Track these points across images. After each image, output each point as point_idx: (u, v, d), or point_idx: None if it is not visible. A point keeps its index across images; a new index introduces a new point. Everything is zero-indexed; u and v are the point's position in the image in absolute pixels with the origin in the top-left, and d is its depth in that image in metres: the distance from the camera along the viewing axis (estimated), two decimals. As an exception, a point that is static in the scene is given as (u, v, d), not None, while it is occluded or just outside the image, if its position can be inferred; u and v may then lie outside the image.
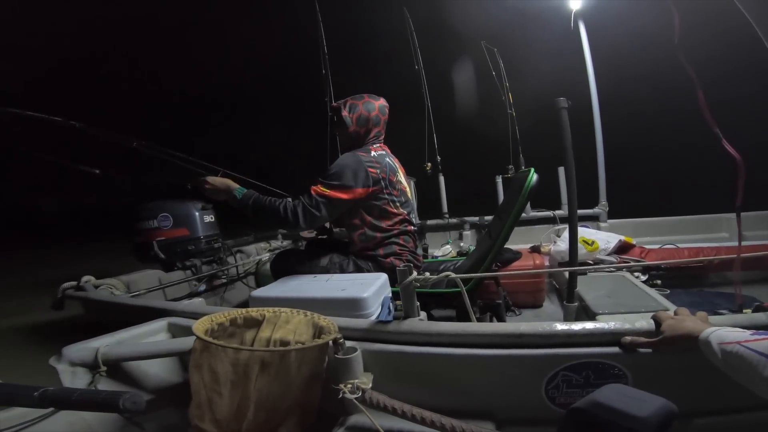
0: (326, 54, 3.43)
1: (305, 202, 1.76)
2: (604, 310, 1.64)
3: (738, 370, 0.72)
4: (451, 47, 6.45)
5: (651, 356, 0.94)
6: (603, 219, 3.49)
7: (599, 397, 0.66)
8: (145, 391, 1.28)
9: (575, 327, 1.02)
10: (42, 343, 2.71)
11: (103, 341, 1.29)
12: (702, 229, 3.29)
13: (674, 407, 0.63)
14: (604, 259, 2.64)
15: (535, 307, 2.54)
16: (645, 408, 0.61)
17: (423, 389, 1.12)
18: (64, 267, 3.71)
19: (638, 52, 6.10)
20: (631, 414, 0.61)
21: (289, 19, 7.56)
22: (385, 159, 1.94)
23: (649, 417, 0.60)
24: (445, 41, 6.50)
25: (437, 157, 4.03)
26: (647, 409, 0.61)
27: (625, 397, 0.65)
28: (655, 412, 0.61)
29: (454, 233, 3.88)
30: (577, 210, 1.79)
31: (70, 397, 0.83)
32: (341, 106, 1.96)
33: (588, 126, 3.45)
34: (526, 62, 5.71)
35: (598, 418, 0.63)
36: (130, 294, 2.27)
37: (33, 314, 3.32)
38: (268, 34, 11.50)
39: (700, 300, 2.18)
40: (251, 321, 1.17)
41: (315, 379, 1.07)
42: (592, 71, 3.48)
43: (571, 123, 1.78)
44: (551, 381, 1.01)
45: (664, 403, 0.63)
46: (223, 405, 1.00)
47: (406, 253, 1.95)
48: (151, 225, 2.43)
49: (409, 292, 1.18)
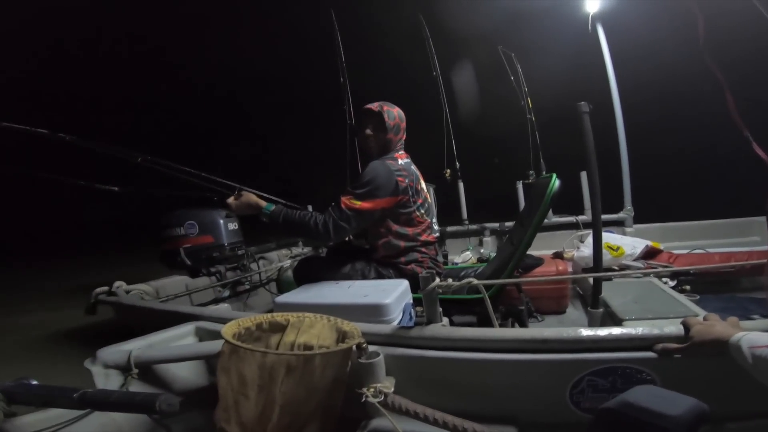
0: (344, 62, 3.47)
1: (335, 215, 1.75)
2: (631, 316, 1.60)
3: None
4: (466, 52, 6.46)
5: (680, 361, 0.92)
6: (628, 224, 3.41)
7: (630, 398, 0.66)
8: (173, 393, 1.32)
9: (601, 332, 1.01)
10: (74, 346, 2.82)
11: (135, 344, 1.34)
12: (733, 233, 3.18)
13: (705, 407, 0.62)
14: (630, 264, 2.58)
15: (558, 314, 2.49)
16: (677, 407, 0.61)
17: (445, 394, 1.12)
18: (102, 273, 3.83)
19: (663, 53, 5.98)
20: (663, 413, 0.60)
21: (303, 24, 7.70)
22: (411, 167, 1.95)
23: (682, 416, 0.60)
24: (461, 46, 6.51)
25: (456, 163, 4.02)
26: (679, 409, 0.61)
27: (655, 397, 0.65)
28: (686, 411, 0.60)
29: (474, 240, 3.86)
30: (602, 215, 1.77)
31: (108, 399, 0.87)
32: (381, 111, 1.92)
33: (611, 129, 3.39)
34: (544, 66, 5.67)
35: (630, 417, 0.63)
36: (159, 299, 2.34)
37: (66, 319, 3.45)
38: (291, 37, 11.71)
39: (732, 305, 2.10)
40: (276, 326, 1.20)
41: (338, 383, 1.09)
42: (612, 74, 3.42)
43: (593, 126, 1.76)
44: (576, 386, 1.00)
45: (696, 403, 0.62)
46: (250, 408, 1.02)
47: (428, 260, 1.95)
48: (179, 232, 2.50)
49: (432, 298, 1.19)
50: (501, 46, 4.28)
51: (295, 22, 11.10)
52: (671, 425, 0.59)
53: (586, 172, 3.21)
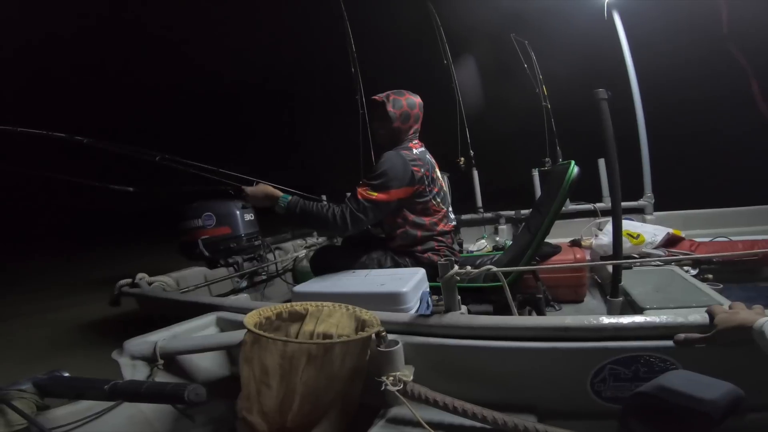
0: (355, 52, 3.45)
1: (352, 207, 1.75)
2: (653, 305, 1.58)
3: None
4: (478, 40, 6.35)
5: (705, 350, 0.90)
6: (649, 211, 3.34)
7: (665, 382, 0.65)
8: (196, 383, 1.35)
9: (624, 320, 0.99)
10: (101, 338, 2.91)
11: (161, 335, 1.37)
12: (757, 220, 3.08)
13: (741, 392, 0.62)
14: (650, 252, 2.53)
15: (576, 302, 2.47)
16: (712, 391, 0.61)
17: (464, 382, 1.12)
18: (130, 263, 3.93)
19: (682, 37, 5.79)
20: (698, 397, 0.60)
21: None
22: (426, 156, 1.94)
23: (718, 399, 0.59)
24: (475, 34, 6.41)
25: (470, 151, 3.99)
26: (715, 393, 0.60)
27: (691, 381, 0.64)
28: (723, 395, 0.60)
29: (489, 228, 3.83)
30: (621, 202, 1.74)
31: (138, 390, 0.88)
32: (385, 101, 1.91)
33: (630, 115, 3.31)
34: (559, 52, 5.55)
35: (665, 401, 0.63)
36: (180, 290, 2.39)
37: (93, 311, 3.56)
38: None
39: (756, 295, 2.05)
40: (295, 315, 1.21)
41: (358, 371, 1.09)
42: (630, 60, 3.32)
43: (611, 113, 1.72)
44: (598, 374, 0.99)
45: (731, 387, 0.62)
46: (272, 397, 1.03)
47: (444, 248, 1.95)
48: (196, 224, 2.53)
49: (451, 285, 1.19)
50: (514, 33, 4.21)
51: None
52: (708, 409, 0.58)
53: (604, 159, 3.17)
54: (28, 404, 0.92)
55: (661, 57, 6.12)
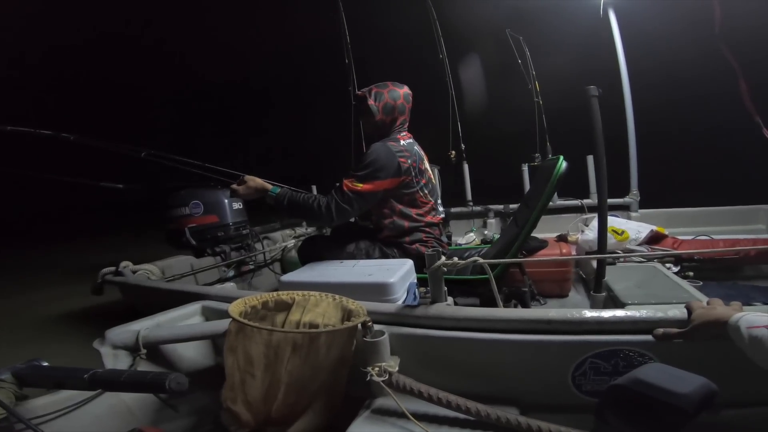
0: (349, 44, 3.42)
1: (338, 198, 1.77)
2: (634, 301, 1.61)
3: (764, 353, 0.70)
4: (474, 35, 6.33)
5: (683, 345, 0.92)
6: (634, 209, 3.40)
7: (641, 375, 0.66)
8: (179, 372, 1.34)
9: (605, 314, 1.01)
10: (82, 327, 2.85)
11: (144, 324, 1.35)
12: (738, 220, 3.15)
13: (714, 386, 0.63)
14: (634, 249, 2.58)
15: (561, 297, 2.50)
16: (686, 385, 0.62)
17: (449, 374, 1.13)
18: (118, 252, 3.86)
19: (671, 35, 5.84)
20: (672, 390, 0.61)
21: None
22: (414, 147, 1.94)
23: (691, 393, 0.60)
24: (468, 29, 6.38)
25: (461, 144, 4.00)
26: (688, 387, 0.61)
27: (666, 374, 0.65)
28: (696, 389, 0.61)
29: (478, 221, 3.86)
30: (607, 198, 1.76)
31: (118, 379, 0.87)
32: (366, 95, 1.94)
33: (618, 113, 3.34)
34: (552, 49, 5.56)
35: (640, 394, 0.64)
36: (165, 279, 2.36)
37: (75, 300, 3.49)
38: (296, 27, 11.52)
39: (734, 293, 2.10)
40: (282, 304, 1.21)
41: (343, 361, 1.10)
42: (623, 58, 3.35)
43: (603, 110, 1.74)
44: (578, 368, 1.00)
45: (705, 382, 0.63)
46: (256, 387, 1.03)
47: (432, 240, 1.96)
48: (183, 212, 2.50)
49: (438, 276, 1.19)
50: (509, 29, 4.20)
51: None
52: (681, 402, 0.60)
53: (592, 156, 3.20)
54: (6, 394, 0.90)
55: (654, 55, 6.17)
